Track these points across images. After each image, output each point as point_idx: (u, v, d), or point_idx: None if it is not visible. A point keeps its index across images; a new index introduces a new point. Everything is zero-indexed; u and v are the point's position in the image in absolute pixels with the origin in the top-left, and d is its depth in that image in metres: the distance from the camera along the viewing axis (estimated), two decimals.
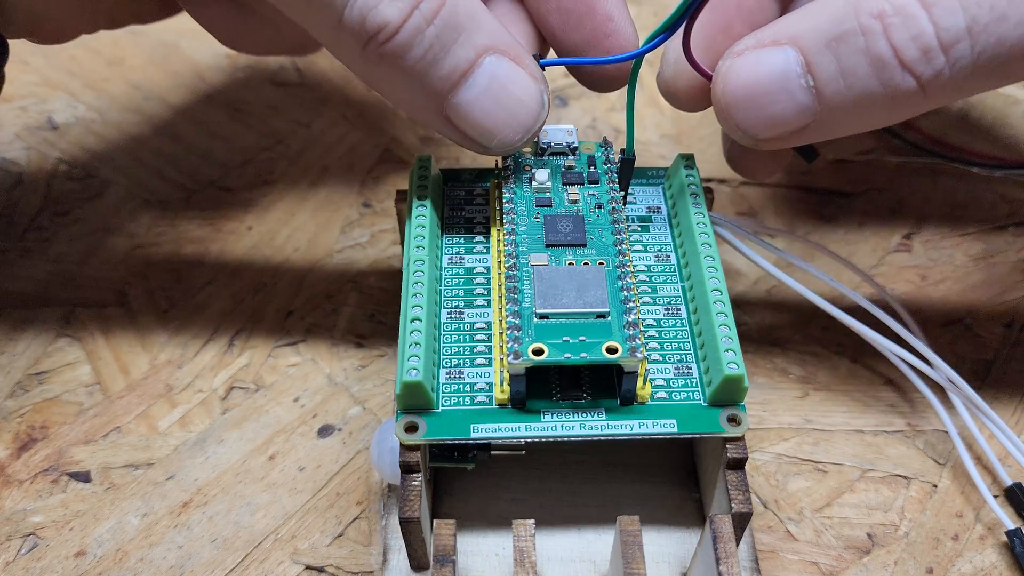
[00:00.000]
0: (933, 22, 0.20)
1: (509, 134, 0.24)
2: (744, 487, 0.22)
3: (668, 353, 0.24)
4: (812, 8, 0.22)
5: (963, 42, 0.20)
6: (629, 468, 0.27)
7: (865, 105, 0.22)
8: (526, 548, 0.21)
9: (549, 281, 0.23)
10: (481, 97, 0.23)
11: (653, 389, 0.23)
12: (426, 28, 0.22)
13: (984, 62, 0.20)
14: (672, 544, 0.25)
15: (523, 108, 0.23)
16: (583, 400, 0.23)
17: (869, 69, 0.21)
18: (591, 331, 0.22)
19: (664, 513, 0.26)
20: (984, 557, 0.26)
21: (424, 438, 0.22)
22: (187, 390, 0.30)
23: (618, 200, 0.25)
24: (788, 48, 0.22)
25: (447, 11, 0.22)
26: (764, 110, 0.23)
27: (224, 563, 0.26)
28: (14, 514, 0.27)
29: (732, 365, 0.22)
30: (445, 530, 0.22)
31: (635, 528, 0.21)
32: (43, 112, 0.40)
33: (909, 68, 0.21)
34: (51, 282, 0.33)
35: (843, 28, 0.21)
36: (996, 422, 0.26)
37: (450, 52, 0.22)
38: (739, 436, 0.22)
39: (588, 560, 0.25)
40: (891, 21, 0.20)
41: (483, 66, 0.23)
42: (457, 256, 0.26)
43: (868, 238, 0.35)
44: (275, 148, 0.39)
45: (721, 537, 0.21)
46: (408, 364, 0.22)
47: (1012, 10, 0.20)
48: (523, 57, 0.24)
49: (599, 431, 0.22)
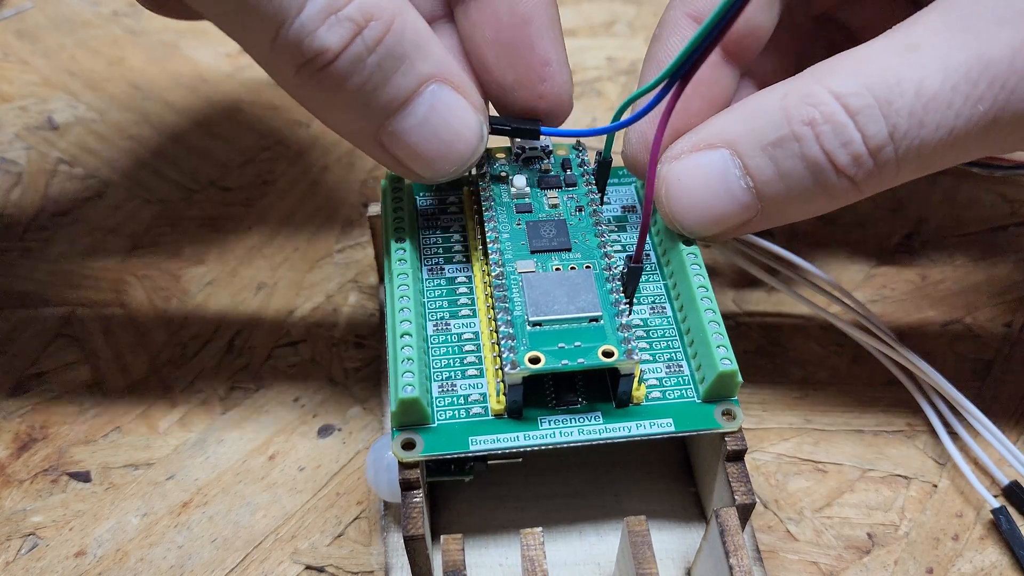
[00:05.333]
0: (860, 130, 0.21)
1: (444, 165, 0.23)
2: (745, 478, 0.22)
3: (658, 352, 0.24)
4: (743, 111, 0.23)
5: (888, 147, 0.21)
6: (627, 466, 0.27)
7: (804, 200, 0.23)
8: (536, 558, 0.21)
9: (539, 288, 0.23)
10: (418, 127, 0.22)
11: (647, 389, 0.23)
12: (367, 57, 0.21)
13: (910, 160, 0.22)
14: (674, 540, 0.25)
15: (460, 139, 0.23)
16: (579, 405, 0.23)
17: (805, 172, 0.22)
18: (585, 336, 0.22)
19: (665, 509, 0.26)
20: (984, 557, 0.26)
21: (423, 454, 0.22)
22: (187, 390, 0.30)
23: (596, 202, 0.25)
24: (723, 151, 0.23)
25: (391, 38, 0.21)
26: (708, 211, 0.23)
27: (224, 563, 0.26)
28: (14, 514, 0.27)
29: (725, 361, 0.22)
30: (453, 545, 0.21)
31: (643, 528, 0.21)
32: (43, 112, 0.40)
33: (842, 171, 0.22)
34: (51, 282, 0.33)
35: (778, 134, 0.22)
36: (987, 427, 0.27)
37: (390, 81, 0.21)
38: (735, 430, 0.22)
39: (592, 563, 0.25)
40: (822, 129, 0.21)
41: (423, 95, 0.22)
42: (437, 267, 0.25)
43: (868, 238, 0.35)
44: (275, 148, 0.39)
45: (729, 530, 0.21)
46: (403, 380, 0.22)
47: (928, 117, 0.21)
48: (466, 86, 0.23)
49: (598, 435, 0.22)
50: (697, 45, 0.19)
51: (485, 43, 0.24)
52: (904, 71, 0.21)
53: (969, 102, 0.21)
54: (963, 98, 0.21)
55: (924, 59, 0.21)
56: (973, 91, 0.21)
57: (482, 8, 0.24)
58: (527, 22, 0.24)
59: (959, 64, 0.21)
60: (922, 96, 0.21)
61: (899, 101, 0.21)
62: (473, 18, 0.24)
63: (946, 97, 0.21)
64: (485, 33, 0.24)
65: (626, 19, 0.46)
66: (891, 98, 0.21)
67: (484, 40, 0.24)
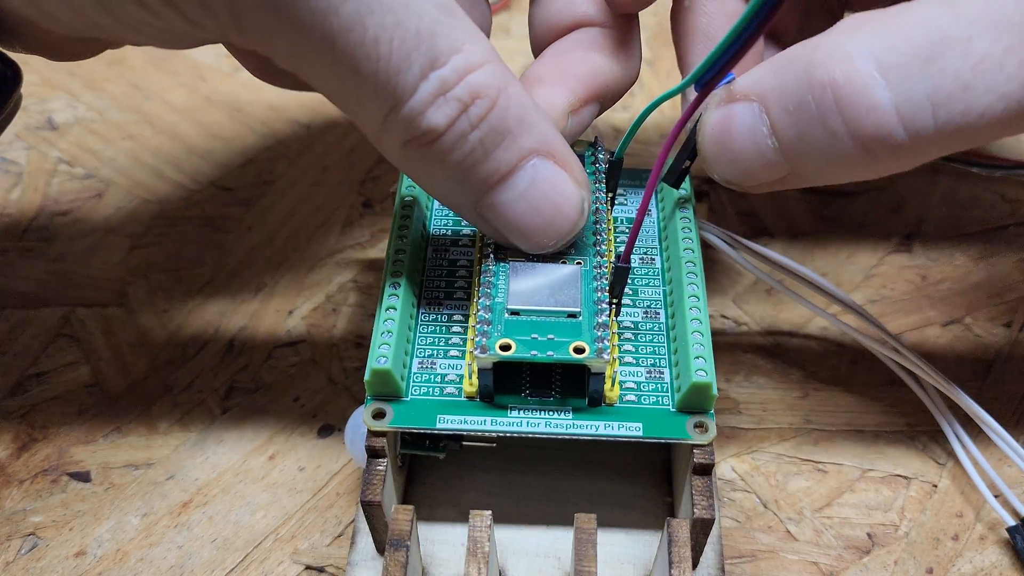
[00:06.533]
0: (892, 91, 0.19)
1: (544, 238, 0.23)
2: (709, 493, 0.22)
3: (642, 356, 0.24)
4: (777, 62, 0.22)
5: (925, 112, 0.19)
6: (608, 467, 0.27)
7: (834, 166, 0.21)
8: (480, 538, 0.21)
9: (524, 278, 0.23)
10: (518, 200, 0.22)
11: (622, 392, 0.23)
12: (470, 133, 0.21)
13: (951, 129, 0.20)
14: (639, 546, 0.25)
15: (560, 215, 0.23)
16: (551, 398, 0.23)
17: (826, 139, 0.20)
18: (560, 330, 0.22)
19: (636, 515, 0.26)
20: (984, 557, 0.26)
21: (390, 425, 0.22)
22: (187, 390, 0.30)
23: (603, 202, 0.25)
24: (754, 105, 0.22)
25: (495, 115, 0.21)
26: (738, 165, 0.23)
27: (224, 563, 0.26)
28: (14, 514, 0.27)
29: (701, 372, 0.22)
30: (403, 515, 0.22)
31: (591, 526, 0.21)
32: (43, 112, 0.40)
33: (865, 141, 0.20)
34: (51, 282, 0.33)
35: (799, 95, 0.20)
36: (992, 426, 0.26)
37: (492, 155, 0.21)
38: (705, 444, 0.22)
39: (554, 556, 0.25)
40: (843, 92, 0.20)
41: (525, 169, 0.22)
42: (442, 247, 0.26)
43: (868, 238, 0.35)
44: (275, 148, 0.39)
45: (676, 541, 0.21)
46: (378, 352, 0.22)
47: (976, 79, 0.19)
48: (569, 160, 0.23)
49: (564, 430, 0.22)
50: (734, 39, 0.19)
51: None
52: (950, 26, 0.19)
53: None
54: (1018, 60, 0.19)
55: (973, 13, 0.19)
56: None
57: None
58: None
59: (1013, 23, 0.19)
60: (970, 56, 0.19)
61: (943, 60, 0.19)
62: None
63: (997, 59, 0.19)
64: None
65: None
66: (933, 56, 0.19)
67: None
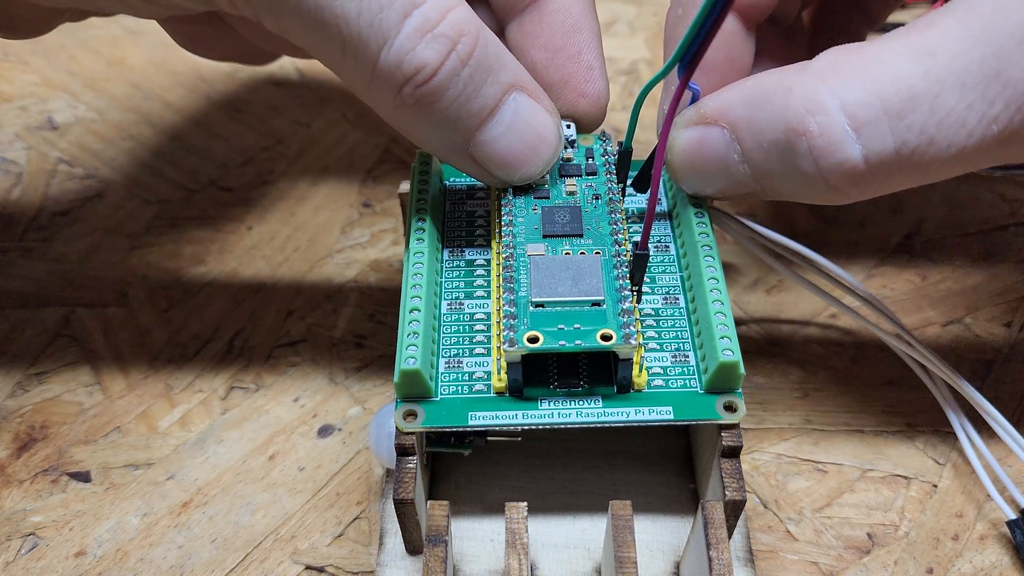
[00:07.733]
0: (862, 143, 0.21)
1: (530, 168, 0.24)
2: (739, 475, 0.22)
3: (666, 341, 0.24)
4: (750, 91, 0.23)
5: (891, 162, 0.21)
6: (629, 456, 0.27)
7: (803, 196, 0.23)
8: (518, 530, 0.21)
9: (545, 270, 0.23)
10: (506, 134, 0.23)
11: (650, 377, 0.23)
12: (462, 69, 0.22)
13: (912, 172, 0.21)
14: (666, 533, 0.25)
15: (543, 142, 0.24)
16: (580, 388, 0.23)
17: (800, 178, 0.22)
18: (586, 319, 0.22)
19: (660, 502, 0.26)
20: (984, 557, 0.26)
21: (423, 426, 0.22)
22: (187, 390, 0.30)
23: (615, 191, 0.26)
24: (725, 132, 0.23)
25: (480, 52, 0.22)
26: (708, 182, 0.24)
27: (224, 563, 0.26)
28: (14, 514, 0.27)
29: (727, 352, 0.22)
30: (438, 511, 0.22)
31: (627, 512, 0.22)
32: (43, 112, 0.40)
33: (835, 185, 0.21)
34: (51, 282, 0.33)
35: (775, 135, 0.22)
36: (999, 420, 0.26)
37: (480, 92, 0.23)
38: (735, 423, 0.23)
39: (583, 547, 0.25)
40: (817, 143, 0.21)
41: (507, 103, 0.23)
42: (458, 249, 0.26)
43: (868, 238, 0.35)
44: (275, 148, 0.39)
45: (712, 523, 0.21)
46: (406, 353, 0.22)
47: (939, 135, 0.20)
48: (540, 92, 0.24)
49: (596, 418, 0.22)
50: (695, 34, 0.19)
51: (536, 48, 0.26)
52: (919, 83, 0.20)
53: (984, 122, 0.20)
54: (978, 117, 0.20)
55: (941, 70, 0.20)
56: (989, 110, 0.20)
57: (536, 20, 0.26)
58: (577, 30, 0.26)
59: (977, 81, 0.20)
60: (936, 113, 0.20)
61: (911, 116, 0.20)
62: (527, 28, 0.26)
63: (960, 115, 0.20)
64: (537, 40, 0.26)
65: (626, 19, 0.46)
66: (903, 112, 0.20)
67: (535, 46, 0.26)
